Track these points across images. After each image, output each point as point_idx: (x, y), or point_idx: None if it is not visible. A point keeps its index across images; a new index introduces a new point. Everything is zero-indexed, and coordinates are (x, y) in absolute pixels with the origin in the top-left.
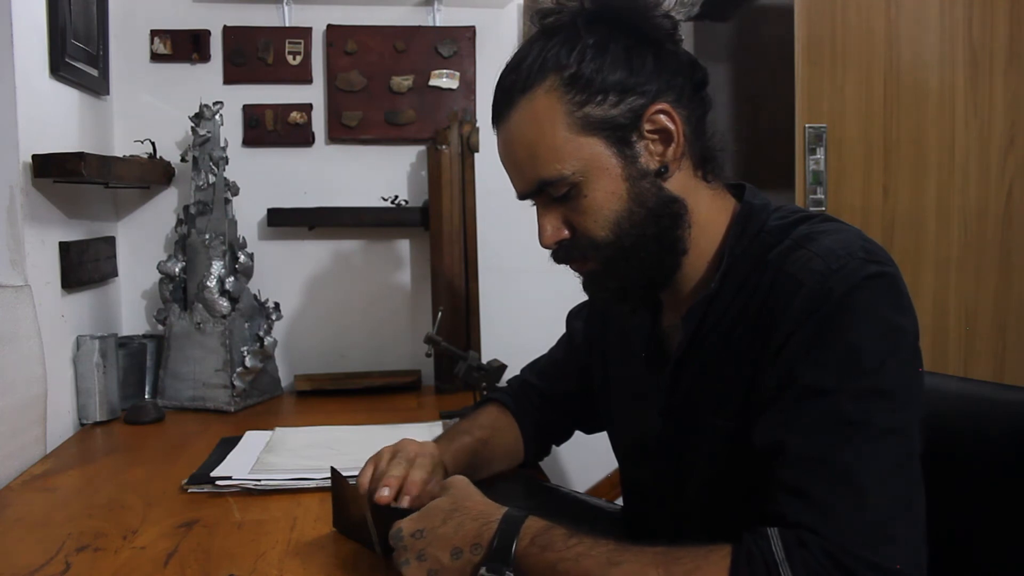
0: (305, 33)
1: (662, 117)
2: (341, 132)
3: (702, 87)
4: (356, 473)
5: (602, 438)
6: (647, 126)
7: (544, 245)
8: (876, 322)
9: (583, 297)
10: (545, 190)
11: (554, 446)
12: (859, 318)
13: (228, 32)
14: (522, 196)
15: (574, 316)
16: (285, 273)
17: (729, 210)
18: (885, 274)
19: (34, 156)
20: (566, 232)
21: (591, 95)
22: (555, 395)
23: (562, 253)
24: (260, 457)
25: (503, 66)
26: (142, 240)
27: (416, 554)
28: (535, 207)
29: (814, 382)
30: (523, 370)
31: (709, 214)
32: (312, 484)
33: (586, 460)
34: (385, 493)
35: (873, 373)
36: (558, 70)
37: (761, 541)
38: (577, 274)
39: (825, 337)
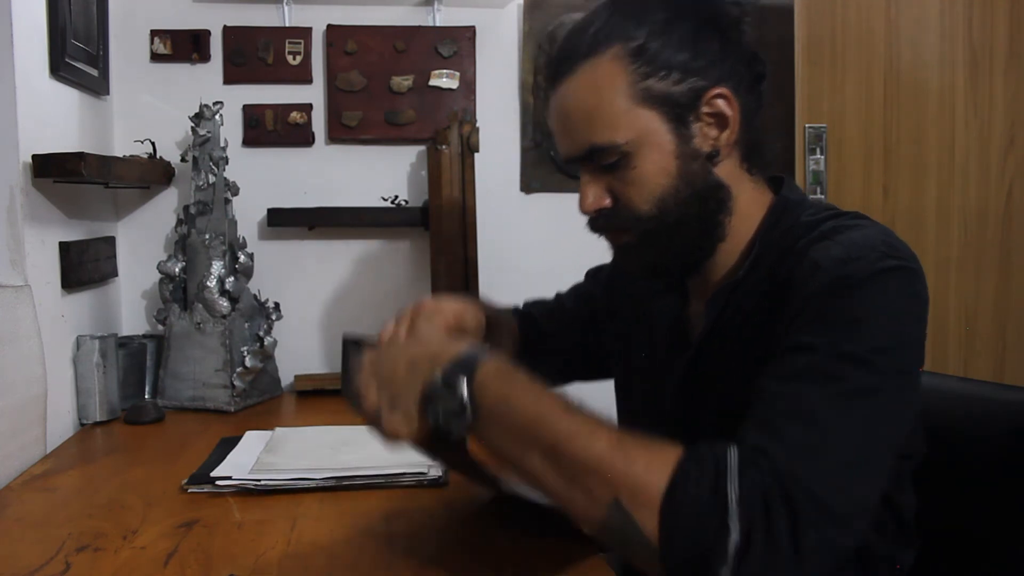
0: (305, 33)
1: (720, 102)
2: (341, 132)
3: (760, 81)
4: (357, 474)
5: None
6: (705, 109)
7: (584, 211)
8: (883, 308)
9: None
10: (594, 156)
11: None
12: (867, 301)
13: (228, 32)
14: (568, 159)
15: (593, 275)
16: (285, 273)
17: (766, 204)
18: (904, 268)
19: (34, 156)
20: (608, 201)
21: (655, 69)
22: (554, 337)
23: (601, 221)
24: (260, 457)
25: (567, 29)
26: (142, 240)
27: (374, 369)
28: (580, 172)
29: (806, 341)
30: (525, 303)
31: (748, 206)
32: (312, 484)
33: None
34: None
35: (866, 346)
36: (625, 40)
37: (717, 449)
38: (610, 246)
39: (829, 309)
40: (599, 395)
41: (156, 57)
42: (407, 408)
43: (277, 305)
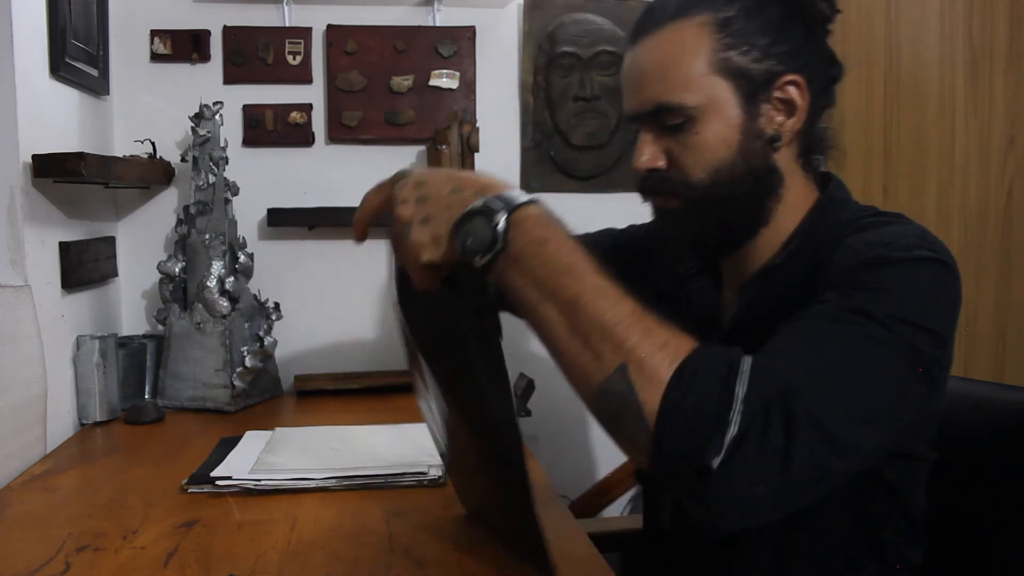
0: (305, 33)
1: (793, 89)
2: (341, 132)
3: (834, 82)
4: (357, 473)
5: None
6: (777, 93)
7: (637, 167)
8: (909, 288)
9: None
10: (660, 114)
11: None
12: (894, 278)
13: (228, 32)
14: (632, 116)
15: (635, 229)
16: (285, 273)
17: (812, 200)
18: (939, 261)
19: (34, 156)
20: (662, 163)
21: (738, 43)
22: None
23: (651, 183)
24: (260, 457)
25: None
26: (142, 240)
27: (416, 179)
28: (640, 133)
29: (825, 297)
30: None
31: (796, 198)
32: (312, 484)
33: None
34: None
35: (883, 310)
36: (715, 10)
37: (734, 351)
38: (654, 211)
39: (855, 279)
40: None
41: (156, 57)
42: (439, 227)
43: (277, 305)
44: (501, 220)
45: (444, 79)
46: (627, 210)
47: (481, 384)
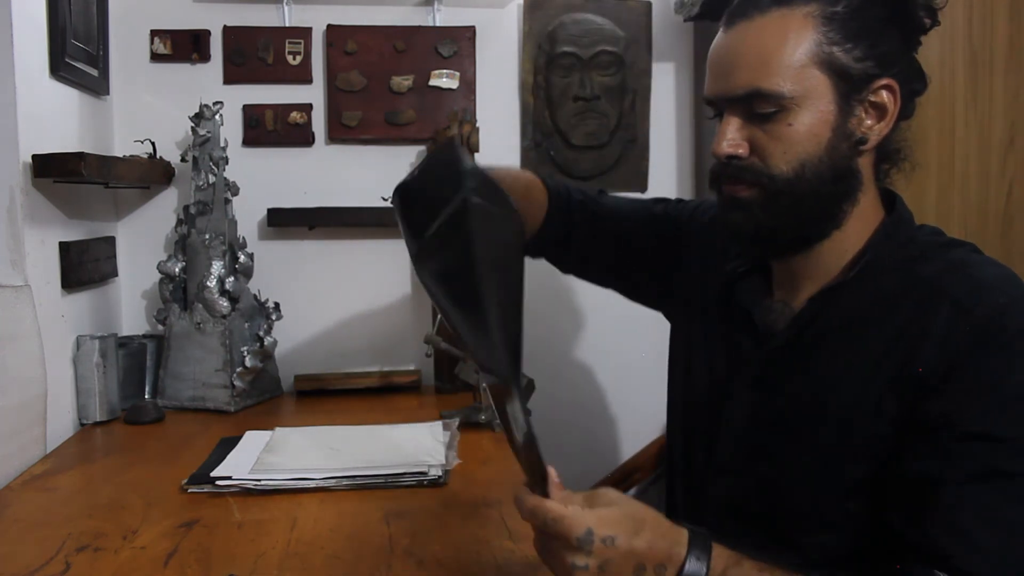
0: (305, 33)
1: (886, 94)
2: (341, 132)
3: (918, 95)
4: (357, 474)
5: (609, 438)
6: (871, 96)
7: (717, 153)
8: None
9: (581, 298)
10: (752, 100)
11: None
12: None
13: (228, 32)
14: (720, 97)
15: (678, 211)
16: (285, 273)
17: (880, 215)
18: None
19: (34, 156)
20: (744, 150)
21: (843, 39)
22: (612, 221)
23: (730, 170)
24: (260, 457)
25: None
26: (142, 240)
27: (600, 562)
28: (722, 118)
29: (982, 427)
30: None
31: (867, 208)
32: (312, 484)
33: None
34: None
35: None
36: (824, 4)
37: None
38: (723, 199)
39: (995, 378)
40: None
41: (156, 57)
42: None
43: (277, 305)
44: None
45: (444, 79)
46: None
47: None
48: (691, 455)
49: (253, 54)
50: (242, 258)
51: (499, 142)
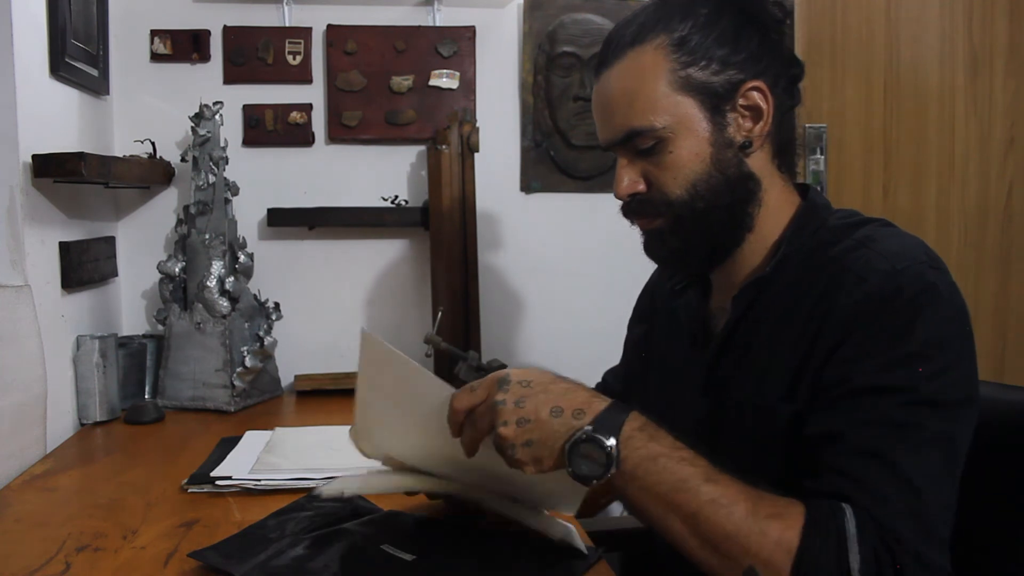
0: (305, 33)
1: (756, 95)
2: (341, 132)
3: (796, 82)
4: (349, 475)
5: None
6: (741, 100)
7: (619, 195)
8: (940, 328)
9: (581, 299)
10: (632, 140)
11: None
12: (925, 323)
13: (228, 32)
14: (608, 145)
15: (631, 320)
16: (285, 273)
17: (794, 204)
18: (949, 283)
19: (34, 156)
20: (642, 186)
21: (696, 59)
22: (626, 394)
23: (634, 206)
24: (260, 457)
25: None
26: (142, 240)
27: (515, 399)
28: (617, 158)
29: (875, 381)
30: (604, 374)
31: (777, 202)
32: (312, 484)
33: None
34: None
35: (933, 379)
36: (669, 31)
37: (836, 511)
38: (641, 233)
39: (889, 338)
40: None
41: (156, 57)
42: (541, 451)
43: (277, 305)
44: (612, 444)
45: (444, 79)
46: None
47: None
48: None
49: (253, 54)
50: (242, 258)
51: (499, 142)
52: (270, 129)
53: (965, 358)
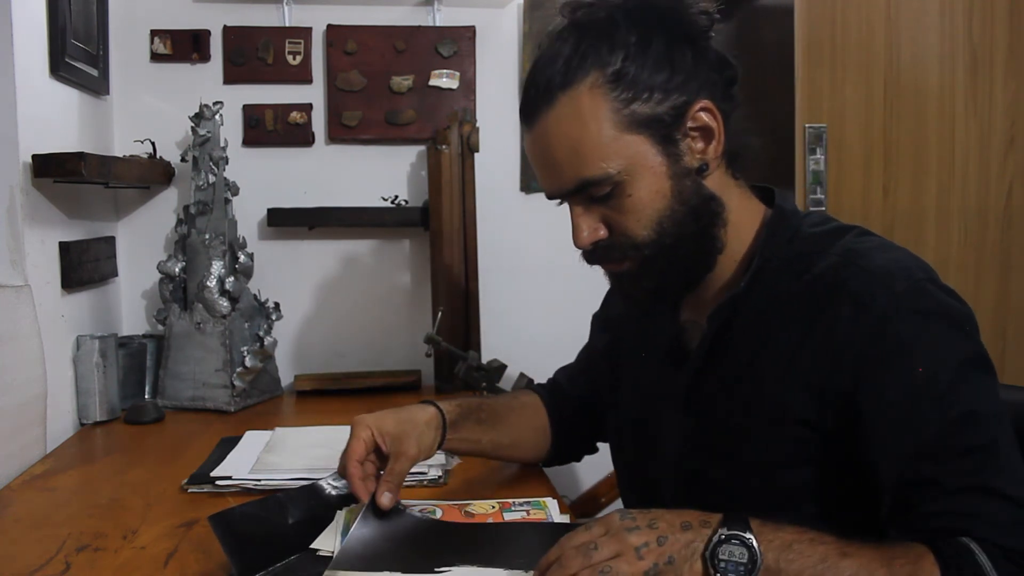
0: (305, 33)
1: (704, 115)
2: (341, 132)
3: (732, 84)
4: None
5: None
6: (690, 124)
7: (580, 246)
8: (962, 345)
9: (581, 299)
10: (586, 190)
11: (581, 457)
12: (948, 345)
13: (228, 32)
14: (557, 196)
15: (595, 319)
16: (285, 273)
17: (759, 212)
18: (948, 290)
19: (34, 156)
20: (603, 232)
21: (637, 92)
22: (582, 401)
23: (598, 253)
24: (260, 457)
25: (533, 62)
26: (142, 240)
27: (647, 522)
28: (569, 207)
29: (935, 418)
30: (556, 371)
31: (740, 213)
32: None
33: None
34: (386, 500)
35: (977, 396)
36: (601, 67)
37: (962, 550)
38: (607, 275)
39: (926, 376)
40: None
41: (156, 57)
42: (683, 566)
43: (277, 305)
44: (751, 538)
45: (444, 79)
46: None
47: None
48: (636, 488)
49: (253, 54)
50: (242, 258)
51: (499, 142)
52: (270, 129)
53: (985, 358)
